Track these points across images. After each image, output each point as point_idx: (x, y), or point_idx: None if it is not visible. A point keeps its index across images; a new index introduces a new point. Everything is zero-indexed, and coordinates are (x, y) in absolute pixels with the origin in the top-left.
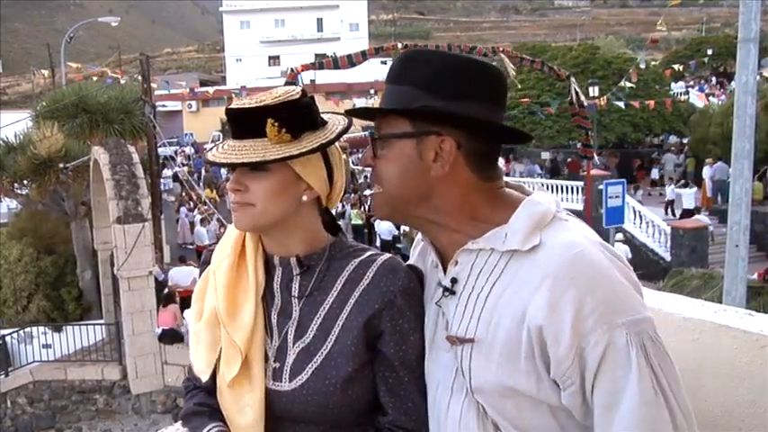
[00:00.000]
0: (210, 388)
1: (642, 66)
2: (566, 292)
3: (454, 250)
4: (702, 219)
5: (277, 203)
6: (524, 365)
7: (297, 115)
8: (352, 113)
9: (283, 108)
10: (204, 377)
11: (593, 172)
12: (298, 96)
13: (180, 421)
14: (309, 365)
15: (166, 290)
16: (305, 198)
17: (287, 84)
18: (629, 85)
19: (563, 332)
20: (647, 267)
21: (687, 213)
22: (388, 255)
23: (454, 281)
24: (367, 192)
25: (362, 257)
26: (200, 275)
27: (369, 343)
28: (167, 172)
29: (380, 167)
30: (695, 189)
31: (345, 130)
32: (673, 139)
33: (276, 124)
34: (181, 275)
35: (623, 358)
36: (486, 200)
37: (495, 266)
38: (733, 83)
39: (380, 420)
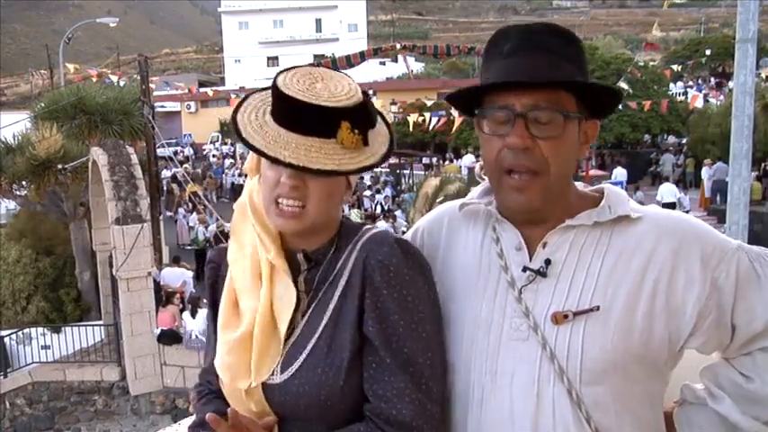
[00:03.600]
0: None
1: (641, 64)
2: (686, 240)
3: (536, 233)
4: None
5: (330, 205)
6: (640, 323)
7: (368, 117)
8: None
9: (359, 111)
10: (243, 385)
11: (592, 172)
12: (363, 96)
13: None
14: (300, 356)
15: (163, 291)
16: (346, 197)
17: None
18: (626, 87)
19: (694, 270)
20: None
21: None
22: (379, 228)
23: (548, 262)
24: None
25: (357, 234)
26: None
27: (360, 326)
28: (166, 173)
29: (549, 148)
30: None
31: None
32: (671, 139)
33: (355, 131)
34: (171, 276)
35: (752, 273)
36: (575, 188)
37: (599, 241)
38: (731, 83)
39: (365, 408)
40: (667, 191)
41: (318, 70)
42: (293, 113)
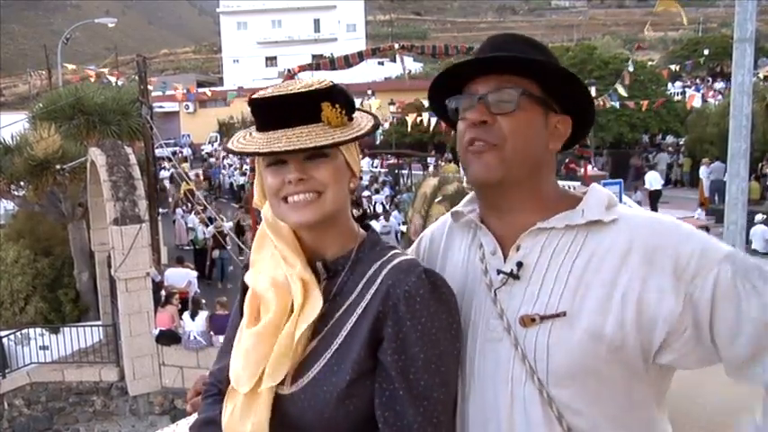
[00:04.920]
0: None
1: (631, 69)
2: (659, 248)
3: (512, 236)
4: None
5: (341, 189)
6: (610, 331)
7: (346, 97)
8: (491, 61)
9: (334, 91)
10: (245, 389)
11: (591, 172)
12: (332, 82)
13: (191, 426)
14: (311, 370)
15: (163, 291)
16: (352, 186)
17: None
18: (621, 89)
19: (666, 284)
20: None
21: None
22: (409, 256)
23: (520, 265)
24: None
25: (384, 258)
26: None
27: (372, 350)
28: (164, 173)
29: (507, 123)
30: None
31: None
32: (670, 138)
33: (337, 106)
34: (176, 277)
35: (731, 290)
36: (557, 188)
37: (572, 243)
38: (717, 84)
39: None
40: (654, 178)
41: (288, 81)
42: (274, 112)
